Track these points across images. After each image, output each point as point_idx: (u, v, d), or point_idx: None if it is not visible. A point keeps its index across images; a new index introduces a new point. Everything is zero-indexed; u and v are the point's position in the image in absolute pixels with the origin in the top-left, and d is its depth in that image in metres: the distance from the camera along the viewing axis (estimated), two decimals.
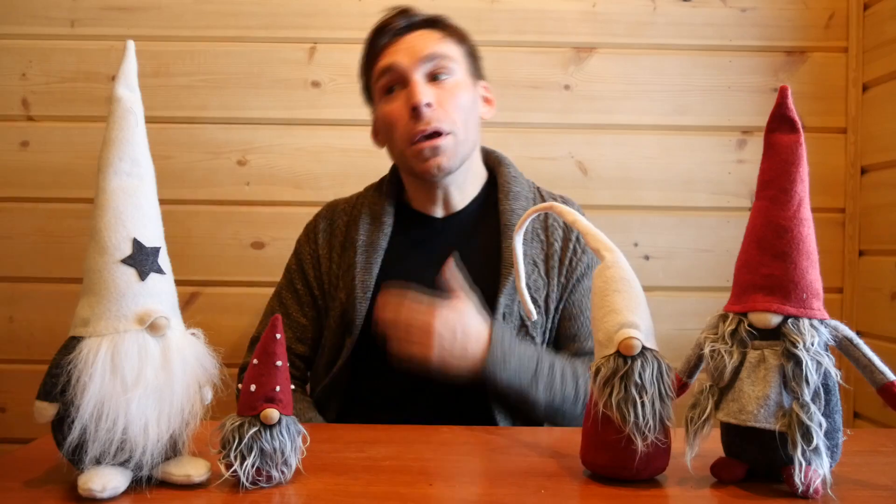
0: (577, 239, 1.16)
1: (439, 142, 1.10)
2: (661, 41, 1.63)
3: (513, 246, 0.88)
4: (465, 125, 1.13)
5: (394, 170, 1.25)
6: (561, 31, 1.63)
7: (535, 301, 1.12)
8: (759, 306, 0.70)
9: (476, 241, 1.17)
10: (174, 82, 1.61)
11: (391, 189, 1.22)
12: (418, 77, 1.10)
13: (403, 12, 1.16)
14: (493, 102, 1.23)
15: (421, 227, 1.20)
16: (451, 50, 1.14)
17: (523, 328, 1.12)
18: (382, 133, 1.18)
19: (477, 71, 1.20)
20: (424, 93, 1.09)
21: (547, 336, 1.14)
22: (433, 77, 1.12)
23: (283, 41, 1.62)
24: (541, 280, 1.14)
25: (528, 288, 1.12)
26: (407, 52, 1.11)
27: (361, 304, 1.12)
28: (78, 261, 1.42)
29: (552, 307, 1.14)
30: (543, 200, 1.21)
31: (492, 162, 1.25)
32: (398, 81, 1.12)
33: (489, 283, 1.11)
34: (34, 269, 1.62)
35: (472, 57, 1.19)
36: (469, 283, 1.07)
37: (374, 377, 1.15)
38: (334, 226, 1.22)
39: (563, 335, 1.15)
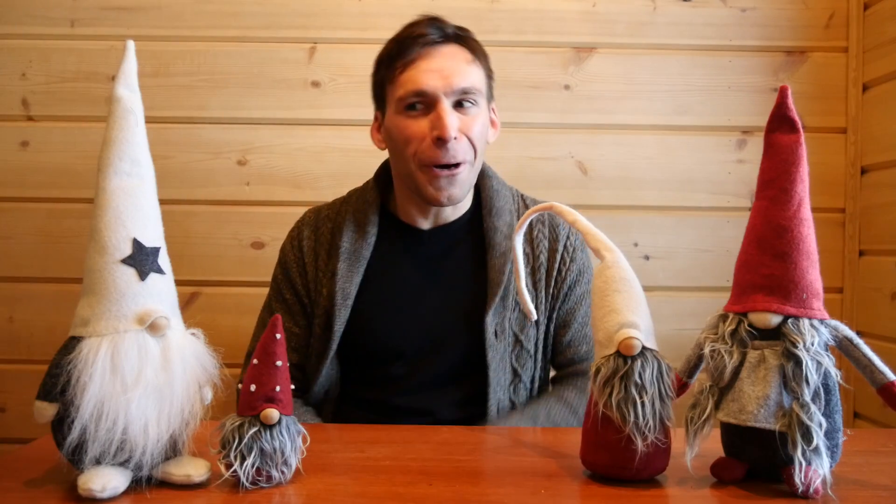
0: (565, 248, 1.16)
1: (456, 172, 1.09)
2: (661, 41, 1.63)
3: (513, 246, 0.88)
4: (479, 153, 1.13)
5: (378, 176, 1.23)
6: (561, 31, 1.63)
7: (525, 315, 1.13)
8: (759, 306, 0.70)
9: (460, 256, 1.17)
10: (174, 82, 1.61)
11: (376, 197, 1.20)
12: (448, 105, 1.08)
13: (434, 22, 1.12)
14: (497, 125, 1.22)
15: (406, 238, 1.19)
16: (478, 79, 1.12)
17: (517, 343, 1.13)
18: (390, 142, 1.15)
19: (491, 94, 1.19)
20: (453, 125, 1.07)
21: (541, 346, 1.16)
22: (458, 103, 1.10)
23: (283, 41, 1.62)
24: (530, 293, 1.14)
25: (518, 302, 1.12)
26: (439, 75, 1.08)
27: (342, 311, 1.12)
28: (78, 261, 1.42)
29: (542, 319, 1.15)
30: (528, 209, 1.20)
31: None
32: (424, 102, 1.09)
33: (475, 303, 1.12)
34: (34, 269, 1.62)
35: (489, 78, 1.18)
36: (453, 299, 1.09)
37: (358, 384, 1.16)
38: (319, 233, 1.20)
39: (559, 343, 1.16)
